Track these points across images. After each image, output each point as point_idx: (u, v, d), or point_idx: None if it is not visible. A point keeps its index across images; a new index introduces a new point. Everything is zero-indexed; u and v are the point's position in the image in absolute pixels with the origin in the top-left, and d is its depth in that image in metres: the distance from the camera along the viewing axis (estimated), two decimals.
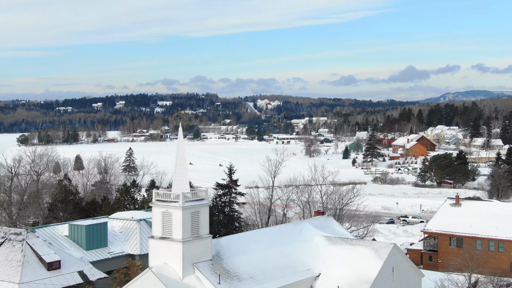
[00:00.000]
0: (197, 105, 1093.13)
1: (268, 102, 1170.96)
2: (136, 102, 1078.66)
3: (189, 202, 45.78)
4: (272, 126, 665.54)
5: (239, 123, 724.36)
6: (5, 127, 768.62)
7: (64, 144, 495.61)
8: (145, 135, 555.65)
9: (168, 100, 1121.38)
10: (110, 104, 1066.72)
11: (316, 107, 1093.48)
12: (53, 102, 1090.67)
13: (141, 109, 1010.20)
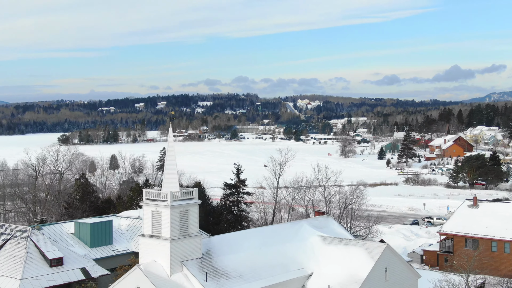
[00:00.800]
0: (237, 106, 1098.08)
1: (308, 102, 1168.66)
2: (177, 102, 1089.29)
3: (178, 201, 46.89)
4: (310, 126, 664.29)
5: (278, 123, 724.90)
6: (48, 127, 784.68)
7: (104, 144, 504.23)
8: (184, 135, 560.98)
9: (208, 101, 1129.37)
10: (152, 104, 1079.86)
11: (357, 107, 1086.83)
12: (96, 102, 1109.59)
13: (182, 109, 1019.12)
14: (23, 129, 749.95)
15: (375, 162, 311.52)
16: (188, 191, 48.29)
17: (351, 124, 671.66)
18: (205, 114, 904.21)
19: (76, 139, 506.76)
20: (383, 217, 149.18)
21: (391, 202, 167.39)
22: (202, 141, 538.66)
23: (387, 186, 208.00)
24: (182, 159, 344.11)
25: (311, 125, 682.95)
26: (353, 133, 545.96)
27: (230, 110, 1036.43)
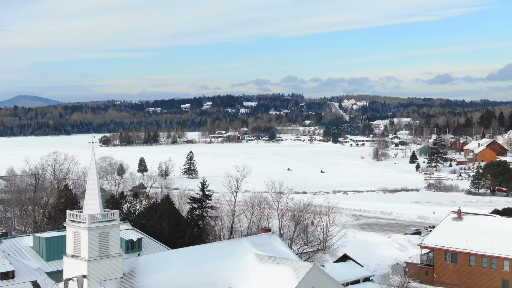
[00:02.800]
0: (282, 106, 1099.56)
1: (354, 102, 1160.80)
2: (222, 103, 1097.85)
3: (98, 223, 48.98)
4: (351, 127, 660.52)
5: (319, 124, 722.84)
6: (94, 128, 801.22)
7: (144, 145, 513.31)
8: (223, 137, 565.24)
9: (254, 101, 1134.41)
10: (197, 105, 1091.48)
11: (404, 107, 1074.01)
12: (143, 103, 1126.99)
13: (226, 110, 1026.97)
14: (69, 130, 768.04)
15: (406, 166, 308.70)
16: (109, 213, 50.28)
17: (393, 125, 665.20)
18: (249, 115, 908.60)
19: (117, 140, 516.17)
20: (390, 225, 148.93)
21: (402, 209, 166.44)
22: (240, 143, 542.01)
23: (408, 192, 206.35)
24: (214, 161, 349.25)
25: (352, 126, 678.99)
26: (392, 135, 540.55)
27: (275, 111, 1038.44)
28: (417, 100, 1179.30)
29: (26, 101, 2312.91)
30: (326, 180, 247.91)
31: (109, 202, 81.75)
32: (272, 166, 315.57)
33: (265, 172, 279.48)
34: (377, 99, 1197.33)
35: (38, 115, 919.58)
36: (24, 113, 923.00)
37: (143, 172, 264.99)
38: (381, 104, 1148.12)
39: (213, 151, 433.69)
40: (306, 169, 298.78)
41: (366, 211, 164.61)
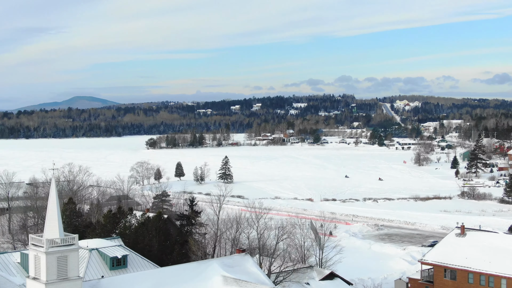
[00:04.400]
0: (332, 107, 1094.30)
1: (406, 103, 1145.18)
2: (271, 104, 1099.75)
3: (57, 247, 51.02)
4: (399, 129, 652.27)
5: (368, 125, 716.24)
6: (145, 129, 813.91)
7: (189, 148, 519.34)
8: (268, 139, 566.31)
9: (303, 102, 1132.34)
10: (247, 106, 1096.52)
11: (457, 108, 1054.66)
12: (194, 105, 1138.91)
13: (276, 112, 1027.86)
14: (120, 132, 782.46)
15: (447, 171, 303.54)
16: (69, 237, 52.30)
17: (443, 127, 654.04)
18: (297, 116, 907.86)
19: (163, 142, 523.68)
20: (411, 236, 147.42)
21: (428, 219, 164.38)
22: (285, 145, 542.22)
23: (440, 200, 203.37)
24: (254, 165, 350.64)
25: (400, 128, 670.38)
26: (440, 138, 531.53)
27: (324, 112, 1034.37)
28: (471, 101, 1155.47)
29: (84, 101, 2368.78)
30: (361, 186, 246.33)
31: (107, 217, 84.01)
32: (310, 171, 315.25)
33: (301, 177, 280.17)
34: (430, 99, 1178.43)
35: (92, 116, 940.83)
36: (78, 115, 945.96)
37: (180, 177, 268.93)
38: (434, 105, 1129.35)
39: (255, 154, 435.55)
40: (342, 174, 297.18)
41: (390, 221, 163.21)
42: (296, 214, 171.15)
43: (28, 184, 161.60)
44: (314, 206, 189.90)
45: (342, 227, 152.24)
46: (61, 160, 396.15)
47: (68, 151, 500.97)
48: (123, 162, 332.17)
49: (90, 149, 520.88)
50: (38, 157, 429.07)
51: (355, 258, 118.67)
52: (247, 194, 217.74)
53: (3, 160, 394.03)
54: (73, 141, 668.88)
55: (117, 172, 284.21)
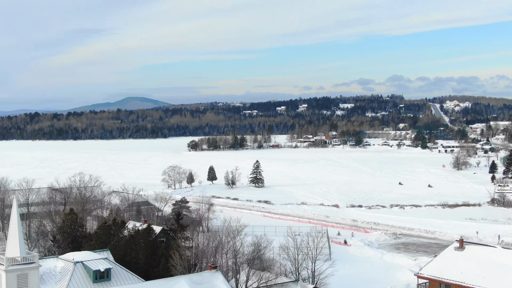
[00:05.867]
0: (379, 108, 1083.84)
1: (456, 104, 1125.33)
2: (318, 105, 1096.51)
3: (17, 265, 53.04)
4: (445, 131, 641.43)
5: (413, 127, 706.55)
6: (190, 131, 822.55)
7: (230, 150, 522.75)
8: (309, 141, 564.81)
9: (350, 103, 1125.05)
10: (293, 107, 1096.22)
11: (508, 109, 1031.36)
12: (240, 106, 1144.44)
13: (321, 113, 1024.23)
14: (166, 133, 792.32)
15: (484, 176, 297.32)
16: (29, 256, 54.25)
17: (491, 129, 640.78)
18: (343, 117, 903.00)
19: (205, 144, 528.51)
20: (427, 246, 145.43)
21: (450, 227, 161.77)
22: (326, 148, 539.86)
23: (468, 208, 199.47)
24: (290, 168, 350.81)
25: (446, 130, 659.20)
26: (485, 140, 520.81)
27: (371, 113, 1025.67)
28: None
29: (136, 102, 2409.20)
30: (392, 192, 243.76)
31: (101, 229, 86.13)
32: (345, 175, 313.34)
33: (334, 182, 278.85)
34: (481, 100, 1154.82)
35: (139, 118, 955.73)
36: (126, 116, 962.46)
37: (212, 181, 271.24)
38: (485, 105, 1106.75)
39: (294, 157, 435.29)
40: (378, 179, 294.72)
41: (410, 229, 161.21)
42: (318, 221, 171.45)
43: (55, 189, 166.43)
44: (339, 213, 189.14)
45: (360, 236, 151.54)
46: (103, 162, 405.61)
47: (112, 153, 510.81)
48: (162, 164, 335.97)
49: (133, 151, 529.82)
50: (81, 159, 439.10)
51: (364, 268, 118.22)
52: (274, 199, 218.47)
53: (47, 162, 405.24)
54: (119, 143, 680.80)
55: (153, 175, 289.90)
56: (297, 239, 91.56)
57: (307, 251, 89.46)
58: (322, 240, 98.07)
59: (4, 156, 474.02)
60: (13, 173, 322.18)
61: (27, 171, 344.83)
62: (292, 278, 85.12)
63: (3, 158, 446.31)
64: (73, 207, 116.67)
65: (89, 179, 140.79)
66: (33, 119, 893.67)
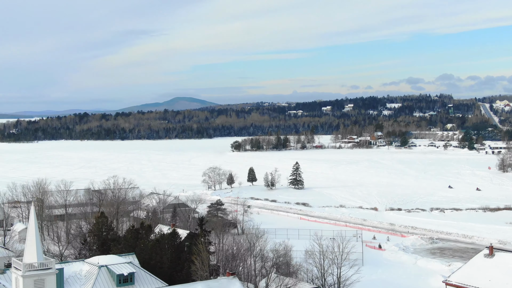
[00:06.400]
0: (427, 107, 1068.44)
1: (506, 104, 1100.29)
2: (364, 105, 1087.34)
3: (34, 271, 54.66)
4: (493, 132, 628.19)
5: (461, 127, 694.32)
6: (235, 131, 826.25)
7: (273, 151, 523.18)
8: (354, 142, 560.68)
9: (397, 103, 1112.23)
10: (338, 107, 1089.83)
11: None
12: (285, 106, 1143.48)
13: (368, 113, 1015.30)
14: (211, 133, 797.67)
15: None
16: (46, 262, 55.77)
17: None
18: (390, 117, 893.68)
19: (248, 145, 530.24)
20: (463, 251, 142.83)
21: (488, 232, 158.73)
22: (370, 148, 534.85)
23: (510, 211, 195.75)
24: (332, 169, 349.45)
25: (495, 131, 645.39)
26: None
27: (419, 113, 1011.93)
28: None
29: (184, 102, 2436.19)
30: (434, 195, 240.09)
31: (129, 232, 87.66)
32: (388, 176, 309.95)
33: (375, 184, 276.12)
34: None
35: (186, 118, 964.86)
36: (173, 117, 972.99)
37: (252, 182, 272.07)
38: None
39: (337, 158, 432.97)
40: (421, 181, 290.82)
41: (448, 233, 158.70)
42: (354, 225, 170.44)
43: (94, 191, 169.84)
44: (377, 216, 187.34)
45: (396, 240, 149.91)
46: (148, 163, 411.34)
47: (157, 153, 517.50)
48: (205, 165, 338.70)
49: (178, 151, 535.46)
50: (127, 159, 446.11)
51: (395, 274, 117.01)
52: (313, 201, 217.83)
53: (93, 163, 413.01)
54: (165, 143, 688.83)
55: (196, 176, 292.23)
56: (322, 244, 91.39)
57: (332, 256, 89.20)
58: (350, 244, 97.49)
59: (52, 156, 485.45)
60: (60, 174, 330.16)
61: (73, 171, 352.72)
62: (317, 284, 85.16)
63: (51, 158, 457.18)
64: (107, 209, 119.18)
65: (122, 182, 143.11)
66: (82, 119, 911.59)
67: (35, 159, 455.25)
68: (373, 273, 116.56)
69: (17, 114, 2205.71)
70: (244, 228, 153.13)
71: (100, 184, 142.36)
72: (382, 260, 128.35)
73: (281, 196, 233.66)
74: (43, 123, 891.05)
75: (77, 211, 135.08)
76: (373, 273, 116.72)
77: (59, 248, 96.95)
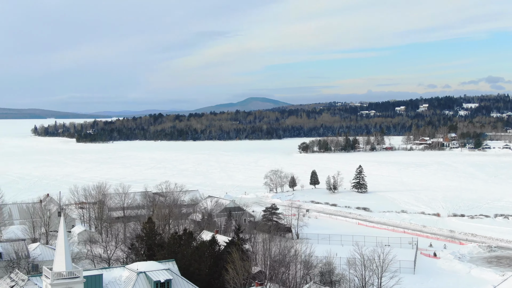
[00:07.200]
0: (505, 108, 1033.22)
1: None
2: (439, 105, 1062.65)
3: (62, 279, 56.88)
4: None
5: None
6: (305, 132, 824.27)
7: (341, 152, 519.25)
8: (426, 143, 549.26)
9: (474, 103, 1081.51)
10: (413, 107, 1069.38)
11: None
12: (358, 106, 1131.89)
13: (443, 113, 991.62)
14: (281, 134, 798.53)
15: None
16: (75, 271, 57.94)
17: None
18: (466, 118, 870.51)
19: (316, 146, 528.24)
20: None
21: None
22: (443, 150, 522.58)
23: None
24: (400, 172, 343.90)
25: None
26: None
27: (497, 113, 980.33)
28: None
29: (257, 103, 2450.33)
30: (501, 200, 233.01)
31: (172, 238, 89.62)
32: (456, 180, 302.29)
33: (442, 188, 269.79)
34: None
35: (256, 119, 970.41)
36: (244, 117, 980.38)
37: (315, 185, 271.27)
38: None
39: (406, 160, 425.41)
40: (490, 185, 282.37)
41: (508, 241, 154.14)
42: (413, 231, 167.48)
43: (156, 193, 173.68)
44: (438, 223, 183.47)
45: (453, 247, 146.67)
46: (215, 164, 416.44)
47: (226, 154, 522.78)
48: (271, 166, 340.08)
49: (247, 152, 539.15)
50: (196, 160, 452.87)
51: (447, 283, 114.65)
52: (374, 206, 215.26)
53: (163, 163, 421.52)
54: (235, 144, 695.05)
55: (260, 178, 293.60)
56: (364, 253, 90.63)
57: (372, 267, 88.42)
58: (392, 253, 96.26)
59: (125, 156, 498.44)
60: (129, 174, 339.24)
61: (143, 172, 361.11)
62: None
63: (124, 159, 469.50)
64: (161, 212, 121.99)
65: (174, 186, 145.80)
66: (156, 120, 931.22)
67: (108, 159, 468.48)
68: (424, 282, 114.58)
69: (96, 114, 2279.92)
70: (298, 233, 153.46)
71: (155, 188, 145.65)
72: (435, 268, 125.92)
73: (342, 200, 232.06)
74: (118, 123, 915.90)
75: (134, 213, 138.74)
76: (423, 282, 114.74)
77: (107, 253, 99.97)
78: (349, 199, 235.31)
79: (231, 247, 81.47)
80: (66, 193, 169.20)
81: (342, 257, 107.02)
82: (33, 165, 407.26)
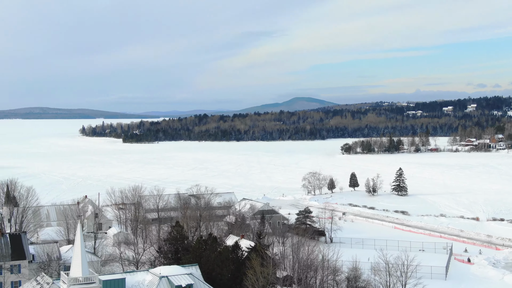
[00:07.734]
0: None
1: None
2: (488, 105, 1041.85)
3: (78, 285, 58.47)
4: None
5: None
6: (349, 132, 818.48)
7: (384, 153, 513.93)
8: (472, 145, 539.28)
9: None
10: (460, 107, 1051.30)
11: None
12: (404, 106, 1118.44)
13: (491, 113, 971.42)
14: (324, 135, 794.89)
15: None
16: (91, 276, 59.50)
17: None
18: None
19: (359, 147, 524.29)
20: None
21: None
22: (489, 152, 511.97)
23: None
24: (444, 174, 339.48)
25: None
26: None
27: None
28: None
29: (302, 102, 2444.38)
30: None
31: (197, 243, 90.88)
32: (500, 183, 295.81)
33: (484, 191, 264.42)
34: None
35: (300, 119, 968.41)
36: (288, 118, 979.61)
37: (354, 187, 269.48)
38: None
39: (451, 162, 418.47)
40: None
41: None
42: (449, 236, 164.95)
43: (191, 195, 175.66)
44: (476, 227, 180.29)
45: (489, 253, 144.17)
46: (256, 165, 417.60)
47: (268, 154, 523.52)
48: (312, 168, 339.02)
49: (289, 153, 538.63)
50: (237, 161, 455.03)
51: None
52: (413, 209, 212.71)
53: (205, 164, 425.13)
54: (277, 144, 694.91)
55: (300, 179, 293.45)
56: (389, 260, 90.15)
57: (397, 274, 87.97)
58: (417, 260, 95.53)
59: (169, 157, 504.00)
60: (171, 175, 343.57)
61: (185, 172, 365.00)
62: None
63: (168, 159, 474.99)
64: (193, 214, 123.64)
65: (204, 190, 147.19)
66: (201, 120, 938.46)
67: (153, 160, 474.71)
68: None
69: (144, 115, 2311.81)
70: (332, 237, 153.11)
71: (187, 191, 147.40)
72: (468, 274, 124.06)
73: (381, 203, 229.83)
74: (164, 124, 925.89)
75: (167, 215, 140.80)
76: None
77: (135, 256, 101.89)
78: (388, 202, 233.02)
79: (252, 253, 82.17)
80: (104, 194, 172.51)
81: (372, 262, 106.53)
82: (79, 165, 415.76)
